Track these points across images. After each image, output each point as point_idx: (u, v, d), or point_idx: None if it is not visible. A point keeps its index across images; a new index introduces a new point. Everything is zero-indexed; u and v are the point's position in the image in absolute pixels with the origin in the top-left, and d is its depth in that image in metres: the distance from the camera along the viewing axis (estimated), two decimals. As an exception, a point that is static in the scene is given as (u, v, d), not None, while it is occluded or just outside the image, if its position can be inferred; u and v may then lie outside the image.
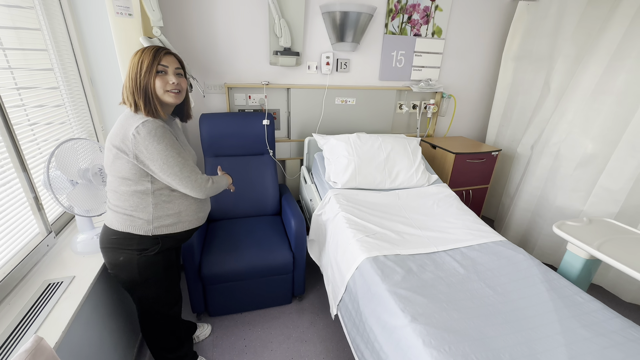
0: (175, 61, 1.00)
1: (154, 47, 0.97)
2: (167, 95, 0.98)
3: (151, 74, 0.94)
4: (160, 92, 0.97)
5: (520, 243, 2.28)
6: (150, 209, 1.01)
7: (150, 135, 0.91)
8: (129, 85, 0.95)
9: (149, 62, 0.94)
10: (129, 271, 1.04)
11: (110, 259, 1.04)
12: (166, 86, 0.97)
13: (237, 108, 2.07)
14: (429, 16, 2.20)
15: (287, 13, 1.87)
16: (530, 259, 1.33)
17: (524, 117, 2.36)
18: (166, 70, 0.97)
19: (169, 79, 0.97)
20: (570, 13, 1.97)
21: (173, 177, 0.97)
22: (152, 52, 0.95)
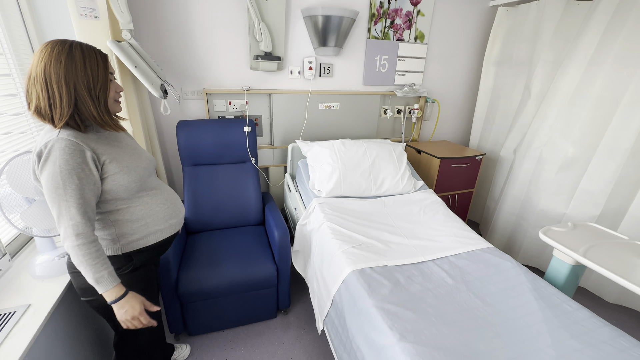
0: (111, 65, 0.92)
1: (92, 49, 0.83)
2: (116, 105, 0.92)
3: (108, 84, 0.86)
4: (112, 101, 0.89)
5: (506, 246, 2.29)
6: (111, 228, 0.91)
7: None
8: (69, 95, 0.79)
9: (103, 69, 0.84)
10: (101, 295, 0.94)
11: (79, 283, 0.94)
12: (116, 95, 0.91)
13: (216, 114, 1.99)
14: (412, 21, 2.20)
15: (267, 17, 1.81)
16: (518, 267, 1.31)
17: (505, 121, 2.39)
18: (112, 77, 0.89)
19: (115, 86, 0.90)
20: (547, 19, 2.00)
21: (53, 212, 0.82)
22: (99, 56, 0.84)
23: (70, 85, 0.78)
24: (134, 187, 0.92)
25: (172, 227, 1.06)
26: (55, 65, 0.77)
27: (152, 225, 0.98)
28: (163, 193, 1.04)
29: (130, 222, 0.94)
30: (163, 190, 1.05)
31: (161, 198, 1.02)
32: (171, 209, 1.05)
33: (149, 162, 1.02)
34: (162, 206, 1.01)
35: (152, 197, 0.99)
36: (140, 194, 0.95)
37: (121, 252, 0.94)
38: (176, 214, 1.07)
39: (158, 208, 1.00)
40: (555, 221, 1.96)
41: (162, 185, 1.07)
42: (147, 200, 0.97)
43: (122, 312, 0.87)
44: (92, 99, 0.82)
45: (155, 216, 0.99)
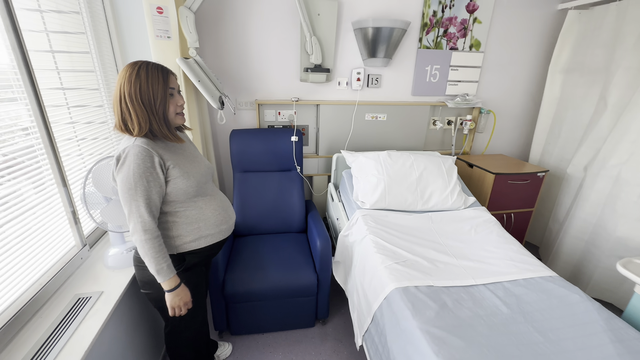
0: (176, 80, 1.00)
1: (157, 67, 0.92)
2: (178, 118, 1.00)
3: (167, 99, 0.94)
4: (173, 115, 0.97)
5: (572, 276, 2.03)
6: (170, 229, 1.00)
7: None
8: (142, 111, 0.90)
9: (162, 86, 0.92)
10: (157, 289, 1.03)
11: (140, 277, 1.05)
12: (177, 108, 0.99)
13: (266, 124, 2.08)
14: (467, 29, 2.10)
15: (318, 30, 1.87)
16: (589, 301, 1.15)
17: (574, 135, 2.15)
18: (173, 92, 0.97)
19: (177, 100, 0.98)
20: (631, 21, 1.77)
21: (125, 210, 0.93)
22: (160, 74, 0.92)
23: (135, 102, 0.89)
24: (191, 192, 1.00)
25: (222, 233, 1.12)
26: (126, 85, 0.89)
27: (204, 230, 1.05)
28: (216, 200, 1.11)
29: (186, 224, 1.02)
30: (217, 197, 1.12)
31: (214, 204, 1.09)
32: (222, 215, 1.12)
33: (207, 169, 1.10)
34: (214, 212, 1.08)
35: (206, 202, 1.06)
36: (196, 198, 1.03)
37: (175, 252, 1.02)
38: (226, 221, 1.14)
39: (210, 213, 1.07)
40: (637, 251, 1.69)
41: (217, 192, 1.14)
42: (201, 205, 1.04)
43: (173, 299, 0.98)
44: (153, 114, 0.91)
45: (207, 221, 1.06)
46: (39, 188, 1.04)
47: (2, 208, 0.89)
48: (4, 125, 0.93)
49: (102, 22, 1.50)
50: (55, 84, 1.21)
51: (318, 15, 1.83)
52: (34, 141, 1.02)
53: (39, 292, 0.99)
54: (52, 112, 1.15)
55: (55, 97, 1.20)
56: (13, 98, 0.96)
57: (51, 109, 1.15)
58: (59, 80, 1.22)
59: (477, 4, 2.05)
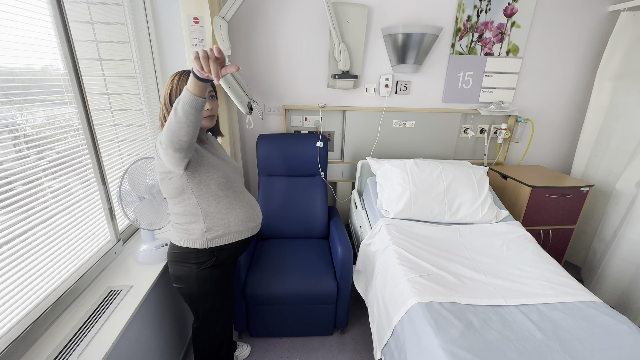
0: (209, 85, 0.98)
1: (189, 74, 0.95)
2: (204, 121, 1.04)
3: None
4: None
5: (619, 302, 1.84)
6: (201, 222, 1.05)
7: None
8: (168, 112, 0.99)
9: None
10: (189, 284, 1.10)
11: (173, 271, 1.11)
12: (204, 112, 1.02)
13: (292, 129, 2.11)
14: (504, 34, 2.00)
15: (347, 37, 1.87)
16: (638, 333, 1.03)
17: (625, 147, 1.96)
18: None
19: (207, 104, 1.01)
20: (696, 23, 1.59)
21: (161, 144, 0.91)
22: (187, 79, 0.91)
23: (166, 105, 1.00)
24: (222, 182, 1.06)
25: (249, 230, 1.16)
26: (167, 91, 1.00)
27: (233, 225, 1.10)
28: (245, 197, 1.16)
29: (216, 218, 1.06)
30: (245, 195, 1.17)
31: (242, 202, 1.14)
32: (250, 212, 1.16)
33: (234, 167, 1.17)
34: (242, 209, 1.12)
35: (235, 198, 1.11)
36: (227, 192, 1.08)
37: (207, 247, 1.07)
38: (254, 219, 1.18)
39: (240, 210, 1.11)
40: (699, 280, 1.50)
41: (245, 191, 1.19)
42: (231, 201, 1.09)
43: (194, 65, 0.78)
44: None
45: (237, 217, 1.10)
46: (83, 185, 1.12)
47: (53, 201, 0.97)
48: (59, 126, 1.02)
49: (145, 32, 1.60)
50: (101, 89, 1.31)
51: (347, 22, 1.84)
52: (79, 142, 1.11)
53: (77, 282, 1.06)
54: (98, 115, 1.25)
55: (101, 102, 1.30)
56: (65, 102, 1.05)
57: (97, 112, 1.24)
58: (104, 85, 1.32)
59: (516, 7, 1.95)
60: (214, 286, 1.13)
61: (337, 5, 1.79)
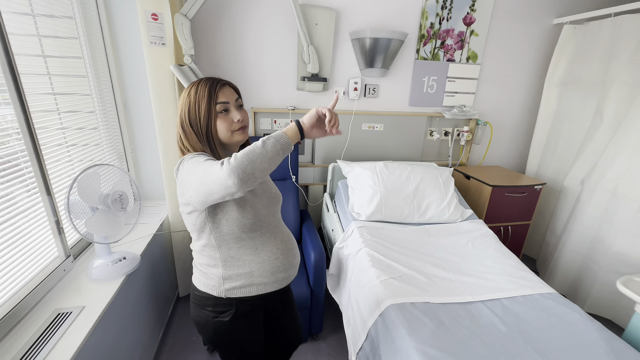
0: (233, 91, 0.84)
1: (207, 82, 0.81)
2: (236, 135, 0.83)
3: (211, 117, 0.80)
4: (227, 134, 0.82)
5: (570, 290, 2.00)
6: (220, 267, 0.87)
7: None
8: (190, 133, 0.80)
9: (206, 103, 0.78)
10: (206, 332, 0.92)
11: (192, 314, 0.95)
12: (232, 125, 0.82)
13: (262, 132, 2.06)
14: (464, 41, 2.11)
15: (316, 39, 1.87)
16: (589, 320, 1.12)
17: (571, 148, 2.15)
18: (227, 107, 0.82)
19: (232, 116, 0.82)
20: (626, 37, 1.79)
21: (195, 183, 0.72)
22: (207, 89, 0.79)
23: (185, 125, 0.81)
24: (248, 224, 0.83)
25: (277, 282, 0.92)
26: (184, 108, 0.81)
27: (257, 276, 0.88)
28: (277, 240, 0.91)
29: (237, 266, 0.87)
30: (277, 236, 0.91)
31: (272, 246, 0.89)
32: (280, 260, 0.91)
33: (272, 199, 0.91)
34: (271, 255, 0.89)
35: (264, 242, 0.88)
36: (253, 234, 0.86)
37: (225, 296, 0.88)
38: (285, 268, 0.93)
39: (266, 257, 0.88)
40: (635, 267, 1.67)
41: (279, 229, 0.93)
42: (257, 245, 0.87)
43: (309, 119, 0.76)
44: (200, 135, 0.80)
45: (262, 266, 0.88)
46: (27, 195, 1.00)
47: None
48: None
49: (96, 28, 1.47)
50: (46, 88, 1.18)
51: (316, 24, 1.83)
52: (18, 147, 0.98)
53: (18, 306, 0.93)
54: (42, 117, 1.12)
55: (46, 102, 1.17)
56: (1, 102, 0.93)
57: (41, 113, 1.12)
58: (50, 85, 1.19)
59: (474, 16, 2.07)
60: (233, 339, 0.92)
61: (305, 7, 1.78)
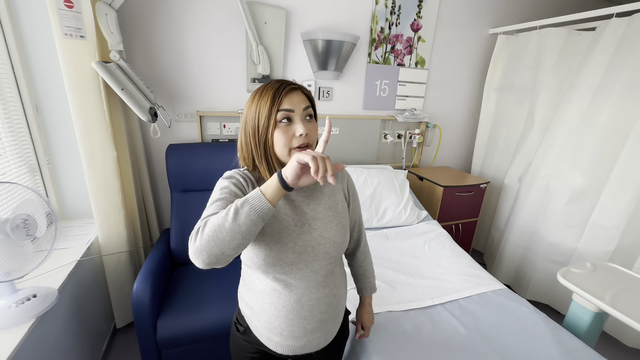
0: (304, 98, 0.67)
1: (275, 85, 0.65)
2: (293, 154, 0.62)
3: (270, 127, 0.64)
4: (284, 151, 0.65)
5: (514, 281, 2.16)
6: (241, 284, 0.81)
7: None
8: (247, 143, 0.68)
9: (268, 108, 0.63)
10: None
11: None
12: (292, 141, 0.64)
13: (210, 138, 1.89)
14: (412, 47, 2.17)
15: (265, 39, 1.76)
16: (536, 313, 1.19)
17: (509, 148, 2.33)
18: (291, 115, 0.65)
19: (295, 129, 0.64)
20: (549, 48, 1.98)
21: None
22: (272, 92, 0.64)
23: (244, 132, 0.68)
24: (255, 262, 0.68)
25: (270, 342, 0.74)
26: (245, 110, 0.69)
27: (255, 321, 0.75)
28: (292, 296, 0.69)
29: (246, 293, 0.76)
30: (295, 293, 0.69)
31: (282, 303, 0.70)
32: (281, 321, 0.70)
33: (307, 243, 0.69)
34: (275, 309, 0.70)
35: (274, 291, 0.70)
36: (267, 276, 0.70)
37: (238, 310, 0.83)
38: (282, 333, 0.71)
39: (267, 305, 0.71)
40: (566, 255, 1.85)
41: (302, 284, 0.70)
42: (266, 290, 0.71)
43: (291, 171, 0.56)
44: (255, 145, 0.66)
45: (261, 316, 0.73)
46: None
47: None
48: None
49: (-9, 14, 1.21)
50: None
51: (265, 23, 1.73)
52: None
53: None
54: None
55: None
56: None
57: None
58: None
59: (421, 23, 2.14)
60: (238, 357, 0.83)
61: (253, 5, 1.67)
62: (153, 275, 1.33)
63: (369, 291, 0.91)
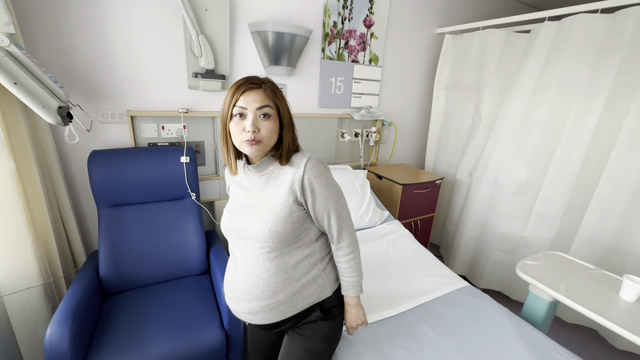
0: (262, 98, 0.75)
1: (239, 82, 0.76)
2: (244, 146, 0.76)
3: (227, 118, 0.77)
4: (236, 141, 0.77)
5: (469, 271, 2.26)
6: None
7: None
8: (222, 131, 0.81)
9: (227, 103, 0.76)
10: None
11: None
12: (242, 134, 0.75)
13: (145, 142, 1.63)
14: (366, 43, 2.13)
15: (207, 29, 1.56)
16: (500, 309, 1.21)
17: (459, 144, 2.42)
18: (244, 112, 0.75)
19: (245, 125, 0.74)
20: (491, 48, 2.08)
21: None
22: (234, 88, 0.76)
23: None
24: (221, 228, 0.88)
25: (235, 312, 0.88)
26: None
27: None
28: (231, 264, 0.89)
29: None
30: (233, 261, 0.88)
31: (230, 268, 0.89)
32: (227, 288, 0.89)
33: (244, 223, 0.82)
34: (227, 279, 0.90)
35: (230, 258, 0.90)
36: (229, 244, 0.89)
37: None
38: (229, 297, 0.88)
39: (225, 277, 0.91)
40: (514, 244, 1.97)
41: (240, 257, 0.85)
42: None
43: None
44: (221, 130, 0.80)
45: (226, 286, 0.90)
46: None
47: None
48: None
49: None
50: None
51: (206, 10, 1.52)
52: None
53: None
54: None
55: None
56: None
57: None
58: None
59: (373, 19, 2.10)
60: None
61: (190, -13, 1.46)
62: (75, 312, 1.09)
63: (346, 290, 0.88)
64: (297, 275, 0.81)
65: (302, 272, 0.82)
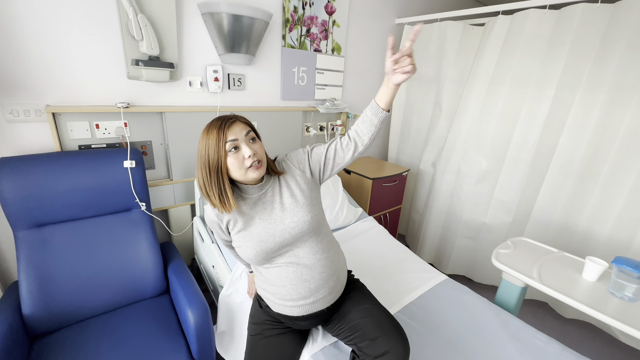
0: (244, 126, 0.82)
1: (217, 123, 0.80)
2: (250, 173, 0.81)
3: (220, 157, 0.79)
4: (240, 172, 0.81)
5: (436, 259, 2.33)
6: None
7: None
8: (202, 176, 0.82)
9: (215, 143, 0.78)
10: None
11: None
12: (245, 162, 0.80)
13: (75, 144, 1.34)
14: (328, 31, 2.02)
15: (148, 7, 1.31)
16: (480, 300, 1.23)
17: (421, 136, 2.46)
18: (237, 144, 0.80)
19: (244, 153, 0.80)
20: (449, 40, 2.12)
21: None
22: (216, 129, 0.79)
23: (199, 171, 0.83)
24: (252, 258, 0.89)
25: (289, 310, 0.94)
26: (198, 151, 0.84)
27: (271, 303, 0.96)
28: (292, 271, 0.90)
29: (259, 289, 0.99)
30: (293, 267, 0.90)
31: (288, 277, 0.90)
32: (292, 290, 0.91)
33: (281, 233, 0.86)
34: (283, 284, 0.91)
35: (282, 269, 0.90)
36: (271, 263, 0.90)
37: None
38: (295, 298, 0.91)
39: (278, 287, 0.93)
40: (476, 230, 2.06)
41: (294, 259, 0.89)
42: (270, 272, 0.92)
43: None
44: (207, 174, 0.81)
45: (273, 295, 0.94)
46: None
47: None
48: None
49: None
50: None
51: (144, -16, 1.27)
52: None
53: None
54: None
55: None
56: None
57: None
58: None
59: (335, 6, 1.99)
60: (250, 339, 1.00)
61: (122, -46, 1.20)
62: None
63: (380, 97, 0.87)
64: (334, 247, 0.95)
65: (335, 245, 0.97)
